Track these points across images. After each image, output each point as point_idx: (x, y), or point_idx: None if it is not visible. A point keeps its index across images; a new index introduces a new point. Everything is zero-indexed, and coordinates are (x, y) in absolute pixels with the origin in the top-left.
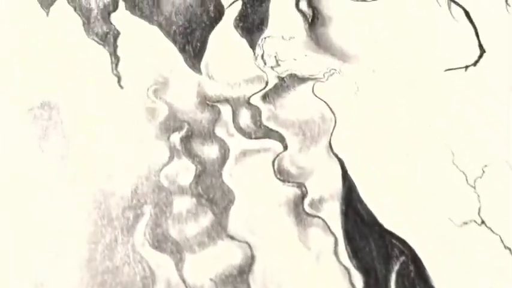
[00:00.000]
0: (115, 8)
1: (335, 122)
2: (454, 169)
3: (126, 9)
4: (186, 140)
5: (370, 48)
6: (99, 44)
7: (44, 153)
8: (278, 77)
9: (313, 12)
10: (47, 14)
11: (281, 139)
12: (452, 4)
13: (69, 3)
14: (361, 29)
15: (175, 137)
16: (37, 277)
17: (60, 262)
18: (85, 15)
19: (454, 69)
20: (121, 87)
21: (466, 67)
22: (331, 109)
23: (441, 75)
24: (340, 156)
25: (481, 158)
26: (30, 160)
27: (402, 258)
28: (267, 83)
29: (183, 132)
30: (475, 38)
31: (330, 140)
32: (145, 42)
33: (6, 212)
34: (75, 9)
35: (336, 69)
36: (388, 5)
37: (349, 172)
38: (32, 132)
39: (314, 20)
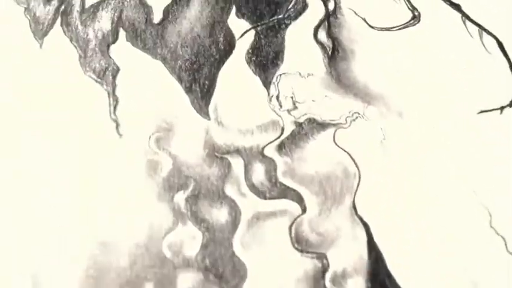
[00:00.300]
0: (115, 38)
1: (359, 177)
2: (492, 233)
3: (127, 40)
4: (192, 200)
5: (396, 87)
6: (97, 81)
7: (26, 216)
8: (295, 122)
9: (333, 43)
10: (41, 46)
11: (299, 199)
12: (484, 34)
13: (65, 33)
14: (386, 63)
15: (180, 197)
16: None
17: None
18: (82, 47)
19: (489, 111)
20: (119, 134)
21: (502, 108)
22: (354, 162)
23: (475, 118)
24: (365, 219)
25: None
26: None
27: None
28: (282, 130)
29: (188, 192)
30: (510, 72)
31: (354, 199)
32: (147, 80)
33: None
34: (71, 40)
35: (359, 113)
36: (415, 35)
37: (376, 239)
38: (19, 191)
39: (334, 53)
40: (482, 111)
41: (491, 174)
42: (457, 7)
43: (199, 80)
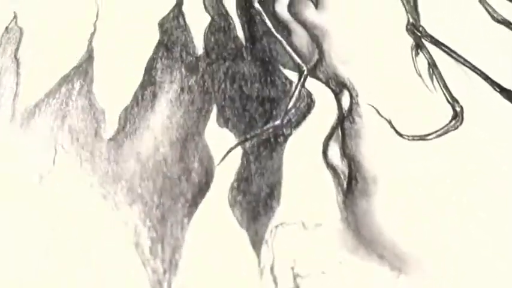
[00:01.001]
0: (50, 166)
1: None
2: None
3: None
4: None
5: (439, 237)
6: None
7: None
8: None
9: (350, 167)
10: None
11: None
12: None
13: None
14: (422, 193)
15: None
16: None
17: None
18: None
19: None
20: None
21: None
22: None
23: None
24: None
25: None
26: None
27: None
28: None
29: None
30: None
31: None
32: (86, 257)
33: None
34: None
35: None
36: (457, 140)
37: None
38: None
39: (351, 184)
40: None
41: None
42: (508, 95)
43: (162, 240)
